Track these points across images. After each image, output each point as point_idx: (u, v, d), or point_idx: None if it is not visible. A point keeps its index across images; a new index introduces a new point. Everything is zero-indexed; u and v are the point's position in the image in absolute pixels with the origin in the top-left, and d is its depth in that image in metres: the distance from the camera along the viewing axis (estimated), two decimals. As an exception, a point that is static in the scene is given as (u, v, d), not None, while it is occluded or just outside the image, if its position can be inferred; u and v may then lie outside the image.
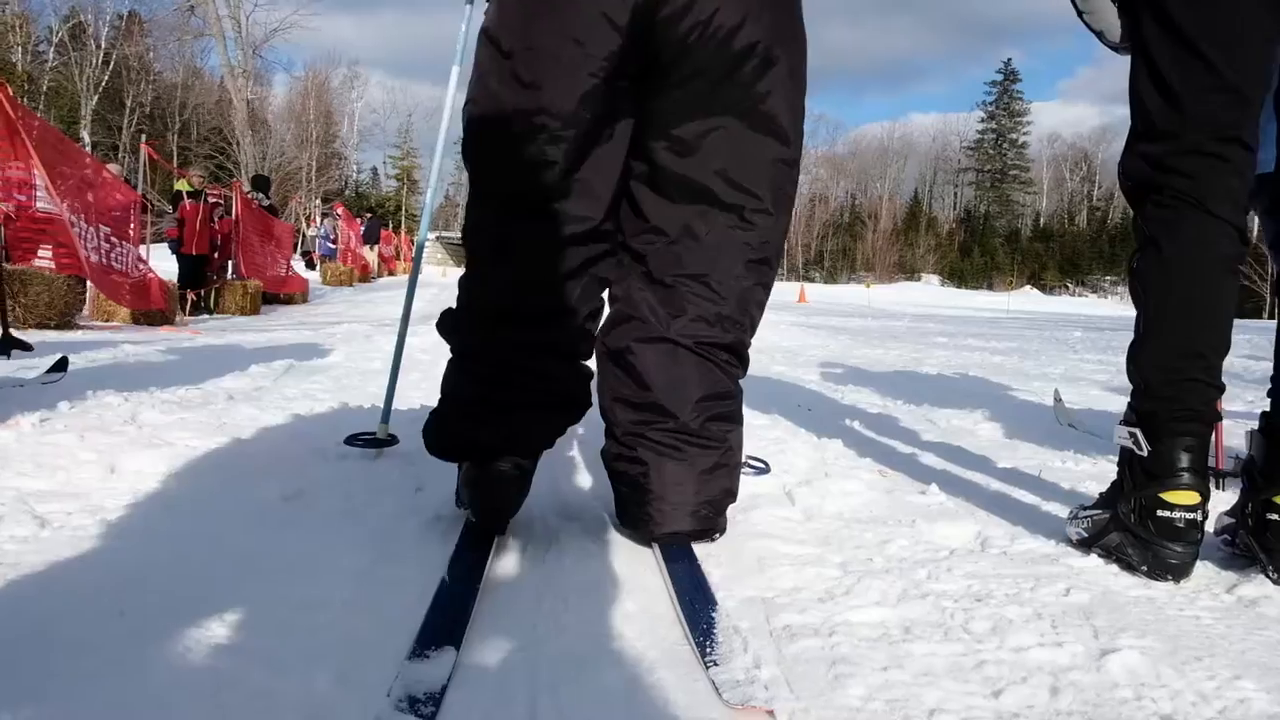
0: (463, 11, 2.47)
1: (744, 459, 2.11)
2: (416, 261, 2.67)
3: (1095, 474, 2.51)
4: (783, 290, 34.03)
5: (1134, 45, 1.73)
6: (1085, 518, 1.74)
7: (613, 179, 1.70)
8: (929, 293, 42.43)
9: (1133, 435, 1.64)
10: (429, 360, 5.11)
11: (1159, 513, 1.58)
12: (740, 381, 1.83)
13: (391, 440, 2.35)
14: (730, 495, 1.78)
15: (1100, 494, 1.77)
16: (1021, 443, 3.06)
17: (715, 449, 1.73)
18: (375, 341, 6.17)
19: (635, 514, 1.73)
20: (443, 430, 1.79)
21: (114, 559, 1.50)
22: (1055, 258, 68.43)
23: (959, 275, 65.88)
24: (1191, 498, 1.58)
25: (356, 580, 1.47)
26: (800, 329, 10.93)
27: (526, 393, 1.71)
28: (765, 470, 2.30)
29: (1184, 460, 1.59)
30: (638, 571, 1.59)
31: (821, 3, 2.22)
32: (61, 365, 3.35)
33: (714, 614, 1.37)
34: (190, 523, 1.72)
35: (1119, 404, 4.10)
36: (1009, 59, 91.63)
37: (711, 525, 1.74)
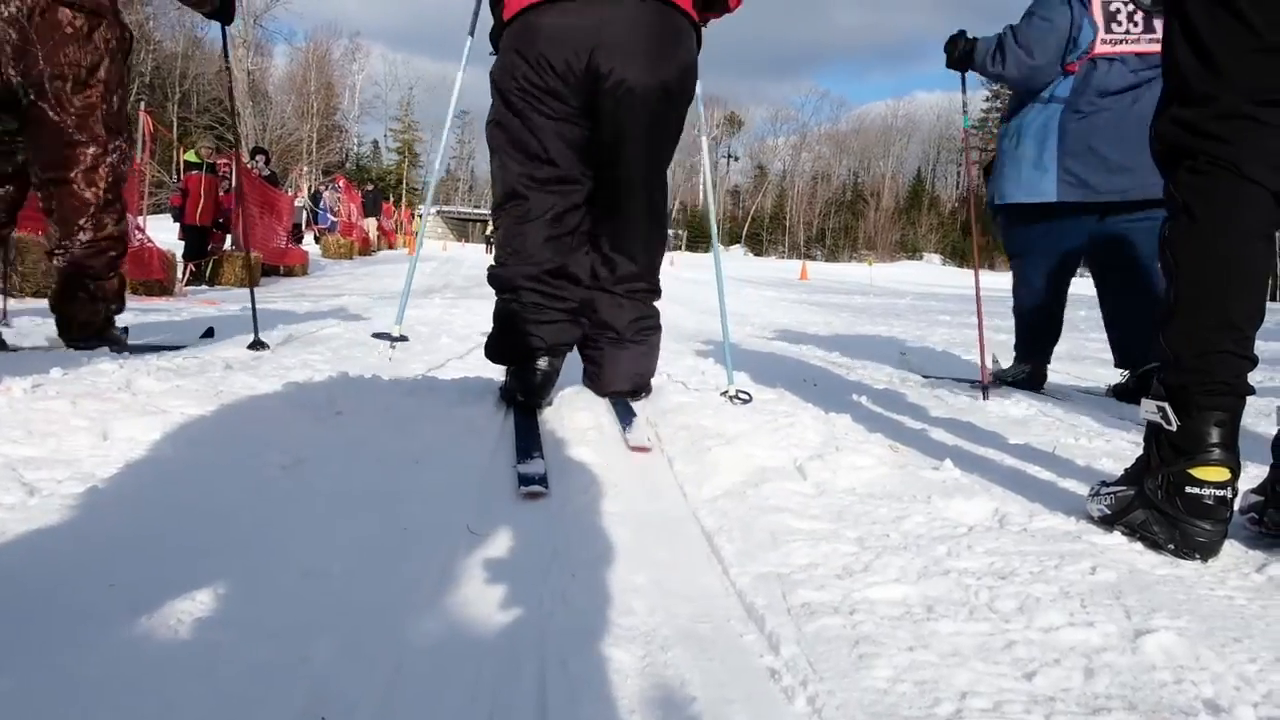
0: None
1: (734, 393, 2.92)
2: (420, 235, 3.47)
3: (1111, 451, 2.46)
4: (784, 268, 33.91)
5: (1169, 5, 1.66)
6: (1108, 494, 1.68)
7: (589, 175, 2.59)
8: (931, 271, 42.11)
9: (1161, 410, 1.58)
10: (428, 332, 5.08)
11: (1187, 489, 1.52)
12: (656, 304, 2.82)
13: (403, 338, 3.05)
14: (650, 372, 2.83)
15: (1124, 470, 1.72)
16: (1034, 420, 3.00)
17: (641, 345, 2.75)
18: (375, 314, 6.11)
19: (594, 380, 2.76)
20: (496, 345, 2.67)
21: (104, 529, 1.44)
22: (1058, 238, 67.79)
23: (960, 255, 65.52)
24: (1222, 474, 1.52)
25: (357, 550, 1.42)
26: (802, 306, 10.86)
27: (550, 313, 2.57)
28: (748, 400, 2.87)
29: (1214, 435, 1.53)
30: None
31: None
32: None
33: (633, 417, 2.45)
34: (185, 492, 1.66)
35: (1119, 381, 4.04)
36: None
37: (639, 387, 2.77)
